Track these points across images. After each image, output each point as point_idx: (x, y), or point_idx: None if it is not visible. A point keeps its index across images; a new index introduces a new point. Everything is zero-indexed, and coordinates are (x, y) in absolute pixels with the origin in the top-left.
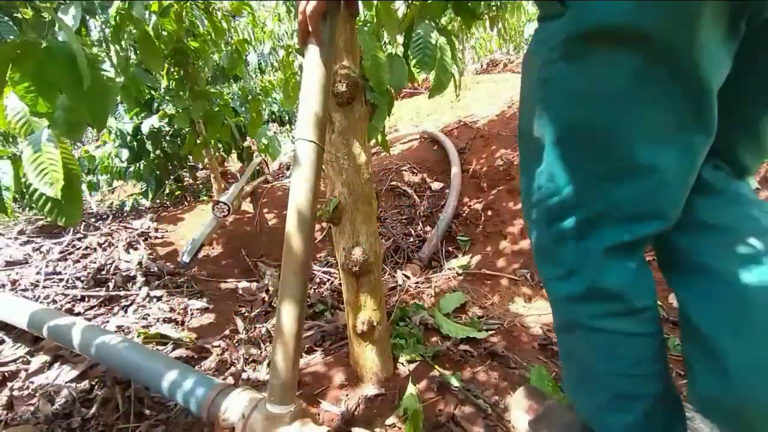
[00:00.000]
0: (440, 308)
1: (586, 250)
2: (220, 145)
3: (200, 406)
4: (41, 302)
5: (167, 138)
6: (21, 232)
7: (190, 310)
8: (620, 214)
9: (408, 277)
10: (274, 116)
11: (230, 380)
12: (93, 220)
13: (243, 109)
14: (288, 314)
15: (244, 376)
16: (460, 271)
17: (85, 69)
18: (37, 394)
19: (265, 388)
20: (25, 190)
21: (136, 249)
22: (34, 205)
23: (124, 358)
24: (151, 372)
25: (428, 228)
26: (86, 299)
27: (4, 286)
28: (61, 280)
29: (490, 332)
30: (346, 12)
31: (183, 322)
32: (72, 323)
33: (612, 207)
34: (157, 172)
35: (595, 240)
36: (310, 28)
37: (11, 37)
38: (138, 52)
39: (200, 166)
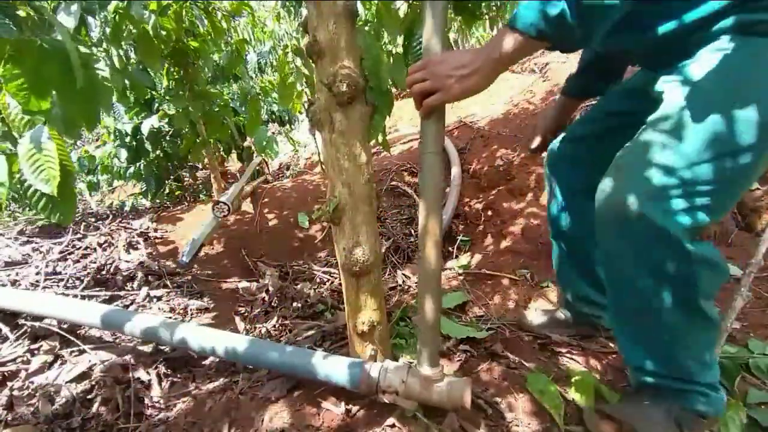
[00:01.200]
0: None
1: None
2: (219, 145)
3: (357, 380)
4: None
5: (167, 138)
6: (21, 232)
7: (190, 310)
8: None
9: (408, 277)
10: (273, 116)
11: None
12: (93, 220)
13: (243, 108)
14: (428, 299)
15: (245, 375)
16: (460, 271)
17: (78, 69)
18: (37, 394)
19: (266, 387)
20: (19, 187)
21: (136, 249)
22: (29, 202)
23: (271, 357)
24: (300, 363)
25: None
26: (86, 299)
27: (4, 286)
28: (61, 280)
29: (490, 332)
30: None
31: (183, 322)
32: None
33: None
34: (157, 172)
35: None
36: (423, 112)
37: (11, 37)
38: (137, 51)
39: (200, 166)
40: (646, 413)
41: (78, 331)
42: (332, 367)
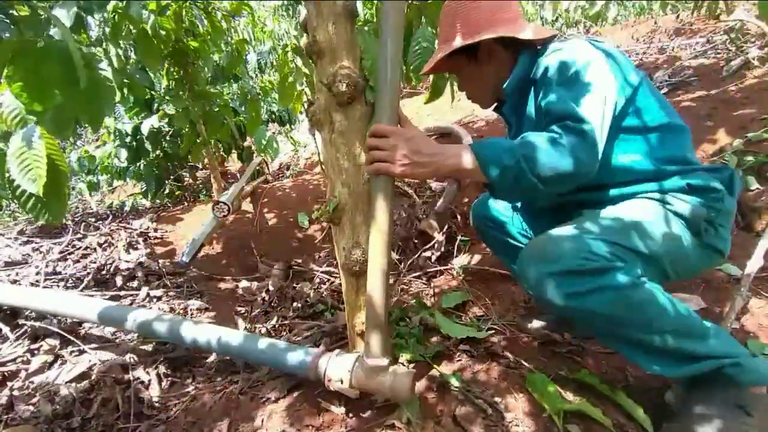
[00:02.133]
0: (440, 307)
1: None
2: (220, 145)
3: (306, 368)
4: None
5: (167, 138)
6: (21, 232)
7: (190, 310)
8: None
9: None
10: (273, 116)
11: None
12: (93, 220)
13: (243, 108)
14: (376, 288)
15: (245, 375)
16: (460, 271)
17: (81, 69)
18: (37, 394)
19: (266, 387)
20: (8, 186)
21: (136, 249)
22: (17, 201)
23: (228, 343)
24: (254, 350)
25: None
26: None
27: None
28: (61, 280)
29: (490, 332)
30: (347, 14)
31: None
32: (167, 317)
33: None
34: (157, 172)
35: None
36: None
37: (7, 34)
38: (137, 51)
39: (200, 166)
40: (705, 420)
41: (78, 331)
42: (284, 354)
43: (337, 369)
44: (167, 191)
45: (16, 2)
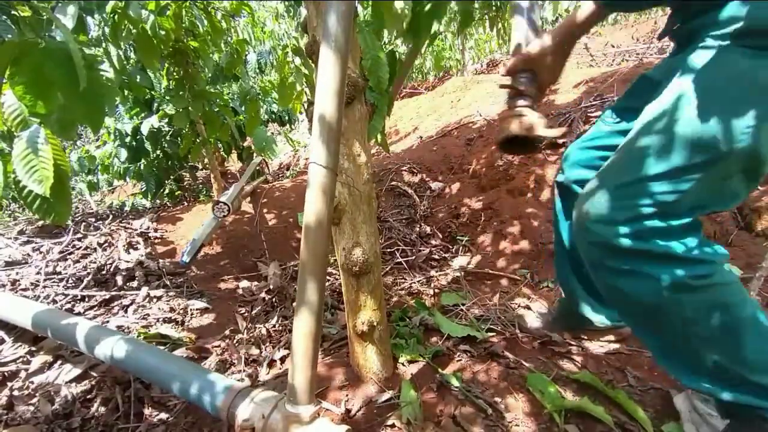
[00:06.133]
0: (440, 307)
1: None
2: (220, 145)
3: (219, 408)
4: (41, 302)
5: (167, 138)
6: (21, 232)
7: (190, 310)
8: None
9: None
10: (273, 116)
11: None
12: (93, 220)
13: (243, 108)
14: (305, 315)
15: (244, 375)
16: (460, 271)
17: (81, 69)
18: (37, 394)
19: (266, 388)
20: (14, 187)
21: (136, 249)
22: (23, 202)
23: (139, 360)
24: (167, 374)
25: (428, 228)
26: (86, 299)
27: (4, 286)
28: (61, 280)
29: (490, 332)
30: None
31: (183, 322)
32: (79, 324)
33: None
34: (157, 172)
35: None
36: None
37: (9, 36)
38: (136, 51)
39: (200, 166)
40: None
41: None
42: (198, 385)
43: (252, 413)
44: (167, 191)
45: (18, 3)
